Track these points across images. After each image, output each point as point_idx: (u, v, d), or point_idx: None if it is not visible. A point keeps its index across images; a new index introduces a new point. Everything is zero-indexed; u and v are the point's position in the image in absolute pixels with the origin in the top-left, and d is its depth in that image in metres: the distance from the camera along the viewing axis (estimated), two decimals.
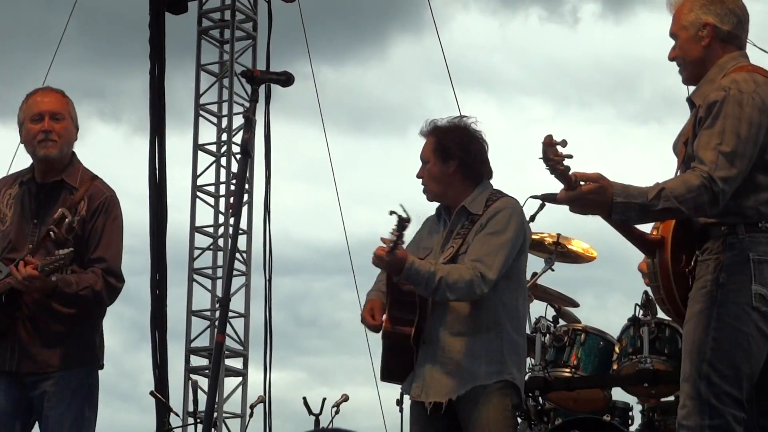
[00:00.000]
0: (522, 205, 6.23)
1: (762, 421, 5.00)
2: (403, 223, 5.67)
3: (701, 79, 5.16)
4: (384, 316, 6.06)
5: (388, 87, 26.83)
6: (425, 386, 5.91)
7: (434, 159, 5.99)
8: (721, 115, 4.82)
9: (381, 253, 5.65)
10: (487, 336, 5.78)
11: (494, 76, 27.97)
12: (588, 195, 4.71)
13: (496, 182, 6.08)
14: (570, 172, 4.65)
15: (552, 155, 4.64)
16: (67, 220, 6.05)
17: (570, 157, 4.66)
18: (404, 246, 5.78)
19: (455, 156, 5.93)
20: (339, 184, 15.49)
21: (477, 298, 5.74)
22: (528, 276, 6.14)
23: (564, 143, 4.55)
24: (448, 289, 5.68)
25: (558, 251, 8.59)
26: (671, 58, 5.25)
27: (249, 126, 5.70)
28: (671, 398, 8.48)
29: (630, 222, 5.01)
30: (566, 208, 7.04)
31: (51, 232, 6.08)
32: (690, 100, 5.17)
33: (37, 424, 6.41)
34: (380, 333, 6.08)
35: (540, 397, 8.08)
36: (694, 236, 5.05)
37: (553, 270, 8.39)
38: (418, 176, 6.08)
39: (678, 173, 5.12)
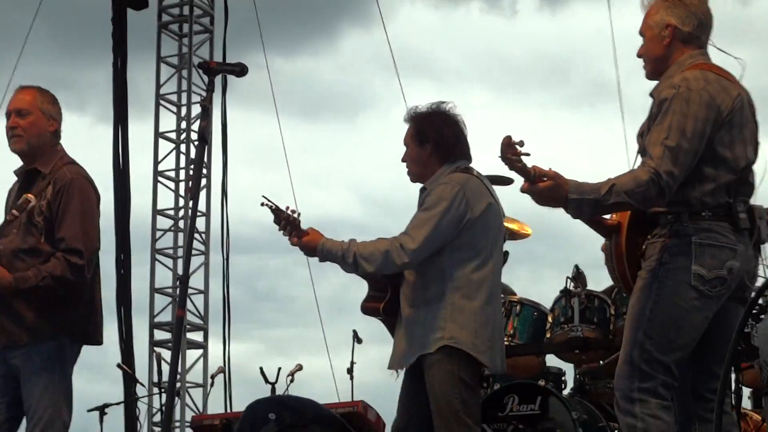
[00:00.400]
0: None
1: (696, 386, 5.08)
2: (276, 211, 5.87)
3: (660, 73, 5.23)
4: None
5: (338, 76, 26.85)
6: (392, 355, 5.98)
7: (412, 143, 5.97)
8: (669, 111, 4.90)
9: (290, 241, 5.85)
10: (435, 305, 5.70)
11: (436, 65, 28.08)
12: (544, 192, 4.81)
13: None
14: (530, 166, 4.75)
15: (510, 154, 4.75)
16: (30, 204, 6.04)
17: (527, 155, 4.77)
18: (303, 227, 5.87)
19: (430, 139, 5.89)
20: (292, 168, 15.47)
21: (400, 267, 5.74)
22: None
23: (521, 143, 4.69)
24: (365, 261, 5.69)
25: (517, 234, 8.62)
26: (639, 55, 5.33)
27: (206, 114, 5.70)
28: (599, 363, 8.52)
29: (584, 216, 5.11)
30: (511, 189, 7.12)
31: (9, 216, 6.11)
32: (651, 95, 5.21)
33: None
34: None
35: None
36: (645, 222, 5.13)
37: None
38: (402, 160, 6.05)
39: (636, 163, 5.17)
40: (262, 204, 5.84)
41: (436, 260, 5.72)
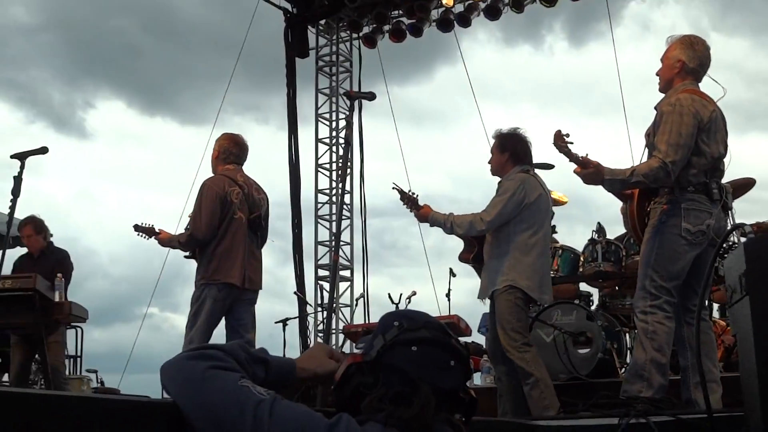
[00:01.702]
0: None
1: (684, 302, 5.22)
2: (402, 192, 6.19)
3: (666, 93, 5.33)
4: None
5: (434, 98, 26.70)
6: (480, 289, 6.16)
7: (496, 151, 6.14)
8: (669, 121, 5.06)
9: (413, 213, 6.13)
10: (503, 258, 5.86)
11: (501, 90, 27.78)
12: (589, 174, 5.09)
13: None
14: (581, 156, 5.06)
15: (561, 143, 5.11)
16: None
17: (572, 143, 5.11)
18: (421, 202, 6.14)
19: (508, 150, 6.07)
20: (406, 161, 15.44)
21: (479, 232, 5.97)
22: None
23: (568, 135, 5.07)
24: (457, 227, 5.95)
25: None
26: (657, 74, 5.43)
27: (349, 126, 5.74)
28: (616, 288, 8.50)
29: (614, 190, 5.47)
30: (552, 172, 7.19)
31: None
32: (655, 108, 5.32)
33: None
34: None
35: None
36: (650, 193, 5.29)
37: None
38: (488, 162, 6.18)
39: (645, 155, 5.33)
40: (393, 188, 6.13)
41: (504, 229, 5.90)
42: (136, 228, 6.76)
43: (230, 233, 6.32)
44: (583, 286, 8.81)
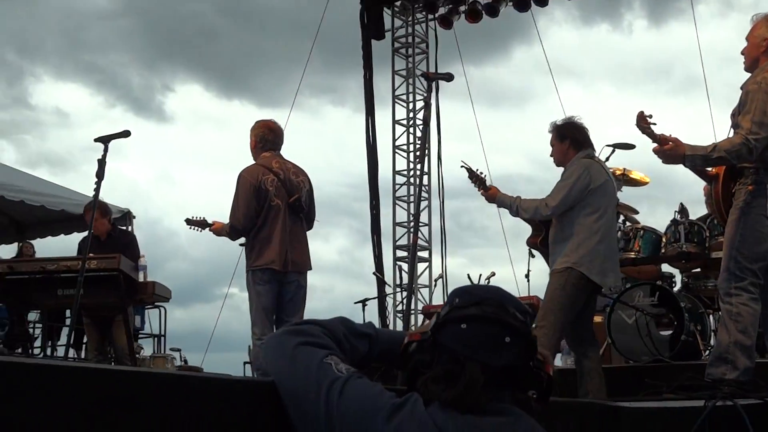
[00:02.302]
0: (600, 151, 6.30)
1: None
2: (470, 171, 6.19)
3: (752, 72, 5.20)
4: None
5: (512, 78, 26.54)
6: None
7: (556, 142, 6.12)
8: (754, 99, 4.95)
9: (481, 193, 6.15)
10: (567, 242, 5.86)
11: (578, 68, 27.51)
12: (669, 152, 4.99)
13: (596, 138, 6.23)
14: (659, 134, 4.99)
15: (644, 124, 5.05)
16: None
17: (654, 124, 5.03)
18: (489, 182, 6.18)
19: (568, 137, 6.06)
20: (483, 142, 15.38)
21: (544, 217, 6.02)
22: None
23: (651, 116, 4.99)
24: (523, 211, 6.00)
25: (624, 179, 8.51)
26: (742, 53, 5.31)
27: (427, 107, 5.75)
28: (698, 270, 8.38)
29: (696, 167, 5.31)
30: (633, 152, 7.10)
31: None
32: (741, 88, 5.17)
33: None
34: None
35: None
36: (735, 173, 5.18)
37: (621, 191, 8.32)
38: (550, 155, 6.17)
39: (730, 133, 5.23)
40: (462, 166, 6.14)
41: (569, 213, 5.89)
42: (188, 222, 6.90)
43: (269, 220, 6.43)
44: (665, 267, 8.70)
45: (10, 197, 13.88)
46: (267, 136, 6.70)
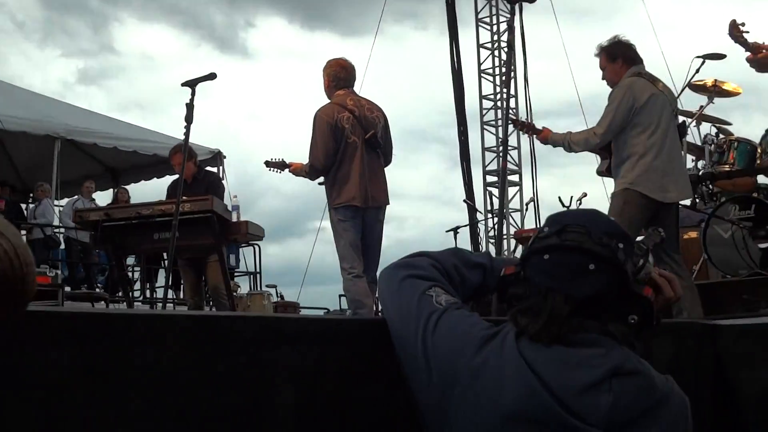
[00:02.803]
0: (690, 63, 6.63)
1: None
2: (517, 122, 6.46)
3: None
4: None
5: None
6: None
7: (608, 63, 6.04)
8: None
9: (535, 137, 6.23)
10: (625, 163, 5.84)
11: None
12: (763, 60, 4.97)
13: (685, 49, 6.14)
14: (752, 42, 4.81)
15: (736, 32, 5.01)
16: None
17: (747, 32, 5.00)
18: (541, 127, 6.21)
19: (619, 55, 5.98)
20: (570, 59, 15.16)
21: (595, 146, 6.04)
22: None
23: (743, 24, 4.80)
24: (575, 145, 6.01)
25: (716, 90, 8.29)
26: None
27: (511, 30, 5.73)
28: None
29: None
30: (724, 61, 6.97)
31: None
32: None
33: None
34: None
35: (710, 185, 7.90)
36: None
37: (713, 103, 8.12)
38: (603, 78, 6.10)
39: None
40: (510, 122, 6.70)
41: (621, 135, 5.86)
42: (267, 164, 7.00)
43: (347, 157, 6.48)
44: (761, 179, 8.49)
45: (102, 144, 14.27)
46: (339, 74, 6.72)
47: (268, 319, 2.05)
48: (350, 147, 6.50)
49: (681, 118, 6.10)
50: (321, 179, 6.65)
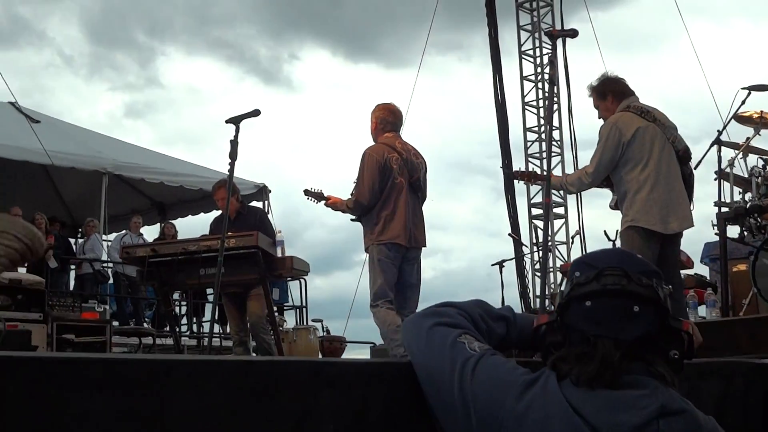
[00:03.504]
0: (736, 95, 6.84)
1: None
2: (518, 175, 6.69)
3: None
4: None
5: (639, 21, 25.93)
6: None
7: (599, 101, 6.11)
8: None
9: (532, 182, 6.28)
10: (624, 202, 5.90)
11: (709, 6, 26.67)
12: None
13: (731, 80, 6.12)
14: None
15: None
16: None
17: None
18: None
19: (608, 92, 6.07)
20: None
21: (588, 186, 6.09)
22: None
23: None
24: (569, 185, 6.16)
25: (762, 122, 8.21)
26: None
27: (553, 65, 5.74)
28: None
29: None
30: None
31: None
32: None
33: None
34: None
35: (758, 217, 7.80)
36: None
37: (759, 135, 8.04)
38: (599, 117, 6.14)
39: None
40: (513, 178, 6.49)
41: (616, 173, 5.93)
42: (306, 192, 7.07)
43: (393, 197, 6.59)
44: None
45: (150, 179, 14.44)
46: (388, 118, 6.86)
47: (310, 363, 2.05)
48: (397, 187, 6.62)
49: (684, 144, 6.09)
50: (352, 216, 6.73)
